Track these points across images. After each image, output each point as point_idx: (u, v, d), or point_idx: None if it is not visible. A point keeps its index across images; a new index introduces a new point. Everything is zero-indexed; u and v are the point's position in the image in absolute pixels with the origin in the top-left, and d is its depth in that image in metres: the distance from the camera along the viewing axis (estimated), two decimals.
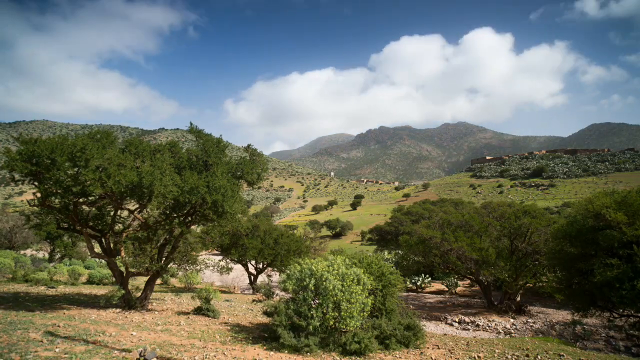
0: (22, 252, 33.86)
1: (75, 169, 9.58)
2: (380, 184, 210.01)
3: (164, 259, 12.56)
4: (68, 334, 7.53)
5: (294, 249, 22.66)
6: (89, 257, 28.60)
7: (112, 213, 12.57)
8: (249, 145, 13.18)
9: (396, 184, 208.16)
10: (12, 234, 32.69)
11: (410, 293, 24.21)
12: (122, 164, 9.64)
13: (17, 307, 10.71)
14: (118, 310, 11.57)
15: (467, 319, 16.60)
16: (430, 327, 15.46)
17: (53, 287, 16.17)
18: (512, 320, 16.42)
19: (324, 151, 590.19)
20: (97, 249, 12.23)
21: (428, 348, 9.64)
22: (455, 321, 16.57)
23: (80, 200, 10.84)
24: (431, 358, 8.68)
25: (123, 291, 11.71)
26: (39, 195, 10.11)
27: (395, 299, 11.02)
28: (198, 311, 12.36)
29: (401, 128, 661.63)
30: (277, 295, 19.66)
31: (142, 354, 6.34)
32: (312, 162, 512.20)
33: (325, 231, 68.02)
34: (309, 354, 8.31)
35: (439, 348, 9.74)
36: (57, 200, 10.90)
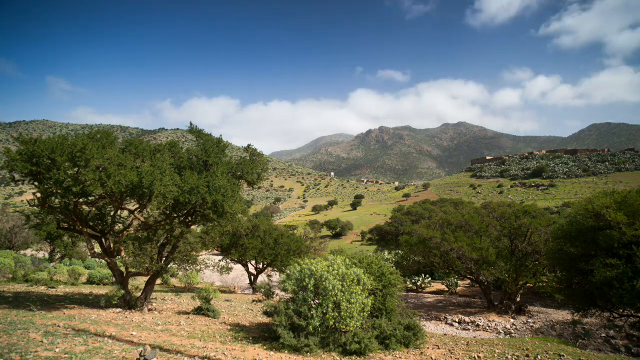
0: (22, 252, 33.87)
1: (75, 169, 9.57)
2: (380, 184, 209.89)
3: (164, 258, 12.55)
4: (68, 334, 7.53)
5: (294, 249, 22.66)
6: (89, 257, 28.60)
7: (112, 213, 12.57)
8: (248, 145, 13.17)
9: (396, 184, 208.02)
10: (12, 234, 32.69)
11: (410, 293, 24.21)
12: (122, 164, 9.64)
13: (17, 307, 10.71)
14: (118, 310, 11.57)
15: (467, 319, 16.61)
16: (430, 327, 15.47)
17: (53, 287, 16.18)
18: (512, 320, 16.42)
19: (324, 151, 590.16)
20: (97, 249, 12.22)
21: (428, 348, 9.65)
22: (455, 321, 16.58)
23: (80, 200, 10.84)
24: (431, 358, 8.69)
25: (123, 291, 11.71)
26: (39, 195, 10.11)
27: (395, 299, 11.02)
28: (198, 311, 12.36)
29: (401, 128, 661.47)
30: (277, 295, 19.67)
31: (142, 354, 6.34)
32: (312, 162, 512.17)
33: (325, 231, 67.99)
34: (309, 353, 8.32)
35: (439, 348, 9.75)
36: (57, 200, 10.90)
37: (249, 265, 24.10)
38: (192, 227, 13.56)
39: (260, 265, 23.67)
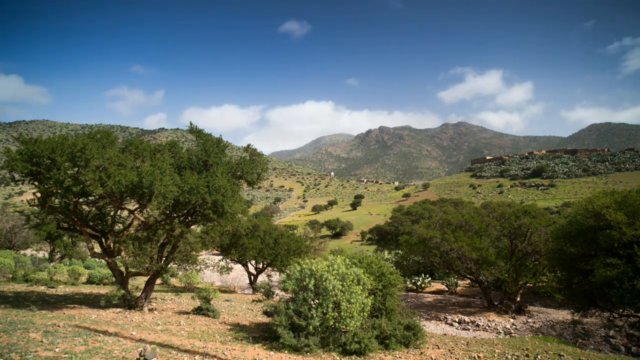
0: (22, 252, 33.88)
1: (76, 169, 9.58)
2: (380, 184, 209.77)
3: (164, 258, 12.56)
4: (68, 334, 7.53)
5: (294, 249, 22.66)
6: (89, 257, 28.61)
7: (112, 213, 12.57)
8: (248, 145, 13.17)
9: (396, 184, 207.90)
10: (12, 234, 32.70)
11: (410, 293, 24.21)
12: (122, 164, 9.64)
13: (17, 307, 10.71)
14: (118, 310, 11.57)
15: (467, 319, 16.61)
16: (430, 327, 15.47)
17: (53, 287, 16.18)
18: (512, 320, 16.43)
19: (324, 151, 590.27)
20: (97, 249, 12.23)
21: (428, 348, 9.65)
22: (455, 321, 16.58)
23: (81, 200, 10.84)
24: (431, 358, 8.69)
25: (123, 291, 11.71)
26: (39, 195, 10.11)
27: (395, 299, 11.02)
28: (198, 311, 12.36)
29: (401, 128, 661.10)
30: (277, 295, 19.67)
31: (142, 354, 6.34)
32: (312, 162, 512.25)
33: (325, 231, 68.03)
34: (309, 353, 8.32)
35: (438, 348, 9.75)
36: (57, 200, 10.90)
37: (249, 265, 24.10)
38: (192, 227, 13.56)
39: (260, 265, 23.67)
